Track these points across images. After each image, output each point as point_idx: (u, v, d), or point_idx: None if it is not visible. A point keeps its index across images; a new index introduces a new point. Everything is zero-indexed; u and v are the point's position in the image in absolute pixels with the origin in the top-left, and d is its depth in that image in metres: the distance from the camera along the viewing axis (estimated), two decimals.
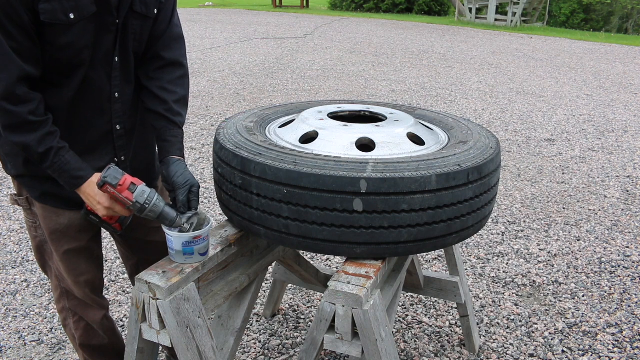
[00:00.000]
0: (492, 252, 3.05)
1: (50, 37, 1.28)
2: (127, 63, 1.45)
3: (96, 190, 1.34)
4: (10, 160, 1.48)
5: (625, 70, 8.74)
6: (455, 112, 5.98)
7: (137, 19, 1.41)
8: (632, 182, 4.12)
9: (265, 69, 8.05)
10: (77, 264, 1.58)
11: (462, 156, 1.43)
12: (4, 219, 3.37)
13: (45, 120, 1.31)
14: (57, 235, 1.53)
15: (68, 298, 1.65)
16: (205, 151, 4.53)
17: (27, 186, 1.51)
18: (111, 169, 1.32)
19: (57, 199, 1.49)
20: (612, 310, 2.53)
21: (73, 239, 1.54)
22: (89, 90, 1.40)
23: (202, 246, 1.40)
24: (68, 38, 1.29)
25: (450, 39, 11.94)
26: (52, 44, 1.29)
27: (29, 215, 1.57)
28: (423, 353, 2.23)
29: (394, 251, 1.40)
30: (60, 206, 1.50)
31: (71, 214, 1.51)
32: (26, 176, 1.49)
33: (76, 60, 1.33)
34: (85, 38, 1.32)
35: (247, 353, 2.22)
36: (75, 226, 1.53)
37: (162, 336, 1.37)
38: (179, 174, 1.44)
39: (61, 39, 1.28)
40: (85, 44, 1.32)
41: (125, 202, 1.33)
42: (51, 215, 1.51)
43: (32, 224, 1.58)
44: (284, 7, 19.17)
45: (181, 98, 1.53)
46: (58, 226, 1.52)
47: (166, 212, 1.36)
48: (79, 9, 1.27)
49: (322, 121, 1.64)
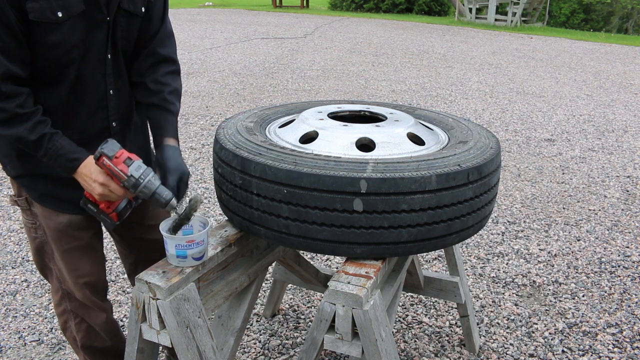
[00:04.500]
0: (492, 252, 3.05)
1: (39, 36, 1.28)
2: (119, 60, 1.46)
3: (92, 169, 1.33)
4: (9, 161, 1.48)
5: (625, 70, 8.74)
6: (455, 112, 5.98)
7: (125, 16, 1.42)
8: (632, 182, 4.12)
9: (265, 69, 8.05)
10: (77, 263, 1.58)
11: (462, 156, 1.43)
12: (4, 219, 3.37)
13: (35, 111, 1.31)
14: (58, 234, 1.53)
15: (69, 300, 1.65)
16: (205, 151, 4.53)
17: (26, 187, 1.51)
18: (108, 142, 1.32)
19: (55, 200, 1.50)
20: (612, 310, 2.53)
21: (73, 237, 1.54)
22: (84, 89, 1.41)
23: (197, 250, 1.38)
24: (57, 36, 1.29)
25: (450, 39, 11.94)
26: (41, 43, 1.29)
27: (28, 216, 1.57)
28: (423, 353, 2.23)
29: (394, 251, 1.40)
30: (58, 208, 1.50)
31: (72, 214, 1.51)
32: (25, 176, 1.49)
33: (66, 59, 1.34)
34: (75, 36, 1.32)
35: (247, 353, 2.22)
36: (76, 224, 1.53)
37: (162, 336, 1.37)
38: (172, 160, 1.44)
39: (50, 37, 1.29)
40: (75, 42, 1.33)
41: (120, 176, 1.31)
42: (50, 215, 1.52)
43: (32, 225, 1.57)
44: (284, 7, 19.17)
45: (174, 90, 1.54)
46: (58, 225, 1.52)
47: (160, 190, 1.33)
48: (66, 7, 1.28)
49: (322, 121, 1.64)
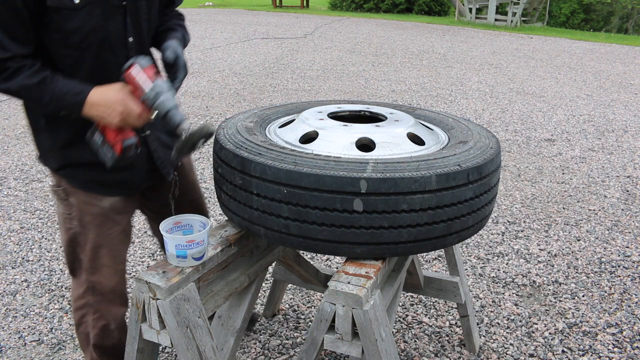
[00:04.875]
0: (492, 252, 3.05)
1: (57, 24, 1.32)
2: (143, 43, 1.50)
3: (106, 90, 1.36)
4: (52, 154, 1.52)
5: (625, 70, 8.74)
6: (455, 112, 5.98)
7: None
8: (632, 182, 4.12)
9: (265, 69, 8.05)
10: (118, 249, 1.62)
11: (462, 156, 1.43)
12: (4, 219, 3.37)
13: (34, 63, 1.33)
14: (101, 219, 1.57)
15: (93, 293, 1.65)
16: (205, 151, 4.53)
17: (69, 177, 1.53)
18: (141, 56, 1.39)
19: (100, 185, 1.54)
20: (612, 310, 2.53)
21: (114, 222, 1.59)
22: (106, 72, 1.43)
23: (196, 250, 1.39)
24: (75, 23, 1.33)
25: (450, 39, 11.94)
26: (60, 31, 1.33)
27: (65, 206, 1.58)
28: (423, 353, 2.23)
29: (394, 251, 1.40)
30: (102, 192, 1.55)
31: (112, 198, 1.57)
32: (68, 167, 1.52)
33: (86, 44, 1.37)
34: (92, 22, 1.35)
35: (247, 353, 2.22)
36: (116, 208, 1.59)
37: (162, 336, 1.37)
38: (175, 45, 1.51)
39: (68, 24, 1.32)
40: (92, 27, 1.36)
41: (146, 86, 1.34)
42: (93, 201, 1.55)
43: (67, 216, 1.59)
44: (284, 7, 19.17)
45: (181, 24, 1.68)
46: (101, 210, 1.56)
47: (175, 112, 1.36)
48: None
49: (322, 121, 1.64)
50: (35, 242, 3.08)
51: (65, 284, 2.68)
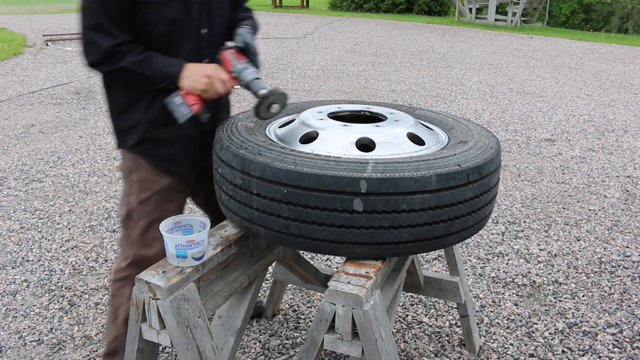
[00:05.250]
0: (492, 252, 3.05)
1: (146, 16, 1.53)
2: (215, 35, 1.69)
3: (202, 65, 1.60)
4: (129, 132, 1.68)
5: (625, 70, 8.74)
6: (455, 112, 5.98)
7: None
8: (632, 182, 4.12)
9: (265, 69, 8.04)
10: None
11: (462, 156, 1.43)
12: (4, 219, 3.37)
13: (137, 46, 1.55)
14: (162, 195, 1.72)
15: (137, 266, 1.71)
16: None
17: (145, 154, 1.69)
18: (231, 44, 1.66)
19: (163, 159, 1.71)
20: (612, 310, 2.53)
21: (172, 200, 1.76)
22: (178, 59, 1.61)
23: (197, 250, 1.39)
24: (162, 14, 1.54)
25: (450, 39, 11.94)
26: (148, 23, 1.54)
27: (127, 183, 1.75)
28: (423, 353, 2.23)
29: (394, 251, 1.40)
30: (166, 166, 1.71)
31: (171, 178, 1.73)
32: (146, 142, 1.68)
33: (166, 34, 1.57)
34: (175, 13, 1.56)
35: (247, 353, 2.22)
36: (174, 186, 1.75)
37: (162, 336, 1.37)
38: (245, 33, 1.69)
39: (156, 16, 1.54)
40: (174, 18, 1.56)
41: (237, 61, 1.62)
42: (155, 178, 1.71)
43: (128, 191, 1.75)
44: (284, 7, 19.17)
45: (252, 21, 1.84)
46: (163, 187, 1.72)
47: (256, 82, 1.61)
48: None
49: (322, 121, 1.64)
50: (35, 242, 3.08)
51: (65, 284, 2.68)
